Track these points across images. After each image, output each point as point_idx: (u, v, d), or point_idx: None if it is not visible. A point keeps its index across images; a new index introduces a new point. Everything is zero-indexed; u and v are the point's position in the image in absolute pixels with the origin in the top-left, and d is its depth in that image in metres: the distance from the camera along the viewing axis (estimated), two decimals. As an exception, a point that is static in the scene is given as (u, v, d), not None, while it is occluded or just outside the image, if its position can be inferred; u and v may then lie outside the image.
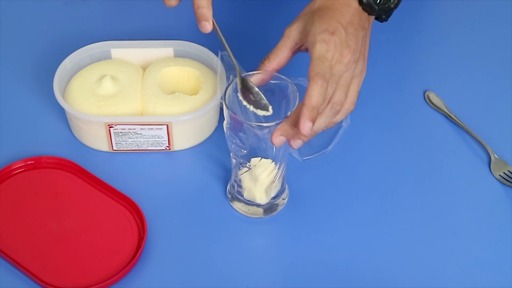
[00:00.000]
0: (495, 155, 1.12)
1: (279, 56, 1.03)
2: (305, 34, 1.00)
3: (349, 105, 1.00)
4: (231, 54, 1.02)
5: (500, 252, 1.03)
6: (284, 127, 0.95)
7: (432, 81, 1.23)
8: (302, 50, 1.04)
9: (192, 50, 1.19)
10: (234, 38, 1.10)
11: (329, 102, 0.97)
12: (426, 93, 1.21)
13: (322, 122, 0.97)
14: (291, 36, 1.02)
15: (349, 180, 1.11)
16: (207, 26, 1.00)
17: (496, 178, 1.11)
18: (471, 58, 1.27)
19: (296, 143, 0.95)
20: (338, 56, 0.96)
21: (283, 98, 1.03)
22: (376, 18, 1.06)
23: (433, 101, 1.20)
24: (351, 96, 1.00)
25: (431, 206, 1.08)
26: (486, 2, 1.35)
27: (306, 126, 0.92)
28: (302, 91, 1.19)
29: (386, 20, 1.07)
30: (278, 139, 0.95)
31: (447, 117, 1.18)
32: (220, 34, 1.02)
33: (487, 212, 1.07)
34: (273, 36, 1.30)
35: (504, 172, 1.11)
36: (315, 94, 0.93)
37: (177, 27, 1.29)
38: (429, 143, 1.16)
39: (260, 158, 1.01)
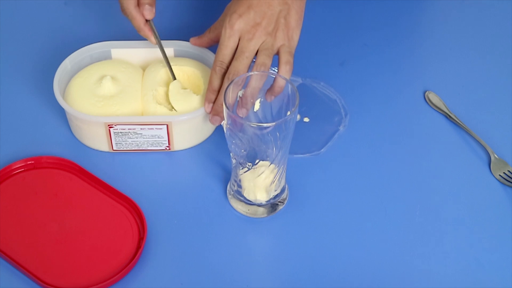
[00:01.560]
0: (495, 155, 1.12)
1: (217, 31, 1.15)
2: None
3: (284, 65, 1.07)
4: (166, 64, 1.15)
5: (500, 252, 1.03)
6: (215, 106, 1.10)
7: (432, 81, 1.23)
8: None
9: (192, 50, 1.19)
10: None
11: (255, 65, 1.07)
12: (426, 93, 1.21)
13: (254, 82, 1.03)
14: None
15: (349, 180, 1.11)
16: (152, 40, 1.16)
17: (496, 178, 1.10)
18: (471, 58, 1.27)
19: (213, 119, 1.09)
20: (247, 34, 1.07)
21: (283, 97, 1.03)
22: None
23: (433, 101, 1.20)
24: (283, 58, 1.07)
25: (431, 206, 1.08)
26: (486, 2, 1.35)
27: (207, 106, 1.09)
28: (304, 91, 1.20)
29: None
30: (213, 119, 1.09)
31: (447, 117, 1.18)
32: (161, 48, 1.15)
33: (487, 212, 1.07)
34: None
35: (504, 172, 1.11)
36: (213, 79, 1.09)
37: (177, 27, 1.29)
38: (429, 143, 1.16)
39: (259, 159, 1.02)
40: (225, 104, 0.98)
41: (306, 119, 1.17)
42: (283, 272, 1.03)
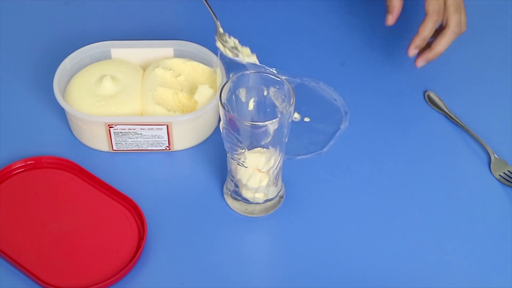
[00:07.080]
0: (495, 155, 1.12)
1: None
2: None
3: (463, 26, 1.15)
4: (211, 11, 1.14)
5: (500, 252, 1.03)
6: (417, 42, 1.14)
7: (432, 81, 1.23)
8: None
9: (192, 50, 1.19)
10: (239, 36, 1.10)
11: (447, 26, 1.13)
12: (426, 93, 1.21)
13: (445, 43, 1.13)
14: None
15: (347, 179, 1.11)
16: None
17: (496, 178, 1.11)
18: (471, 58, 1.27)
19: (419, 63, 1.15)
20: None
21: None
22: None
23: (433, 101, 1.20)
24: (463, 19, 1.14)
25: (431, 206, 1.08)
26: (486, 2, 1.35)
27: (411, 52, 1.14)
28: (302, 91, 1.19)
29: None
30: (412, 51, 1.14)
31: (447, 117, 1.18)
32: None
33: (487, 212, 1.07)
34: (274, 35, 1.30)
35: (504, 172, 1.11)
36: (428, 28, 1.12)
37: (177, 27, 1.29)
38: (429, 143, 1.16)
39: (257, 155, 1.01)
40: (221, 103, 0.98)
41: (306, 119, 1.17)
42: (282, 271, 1.03)
